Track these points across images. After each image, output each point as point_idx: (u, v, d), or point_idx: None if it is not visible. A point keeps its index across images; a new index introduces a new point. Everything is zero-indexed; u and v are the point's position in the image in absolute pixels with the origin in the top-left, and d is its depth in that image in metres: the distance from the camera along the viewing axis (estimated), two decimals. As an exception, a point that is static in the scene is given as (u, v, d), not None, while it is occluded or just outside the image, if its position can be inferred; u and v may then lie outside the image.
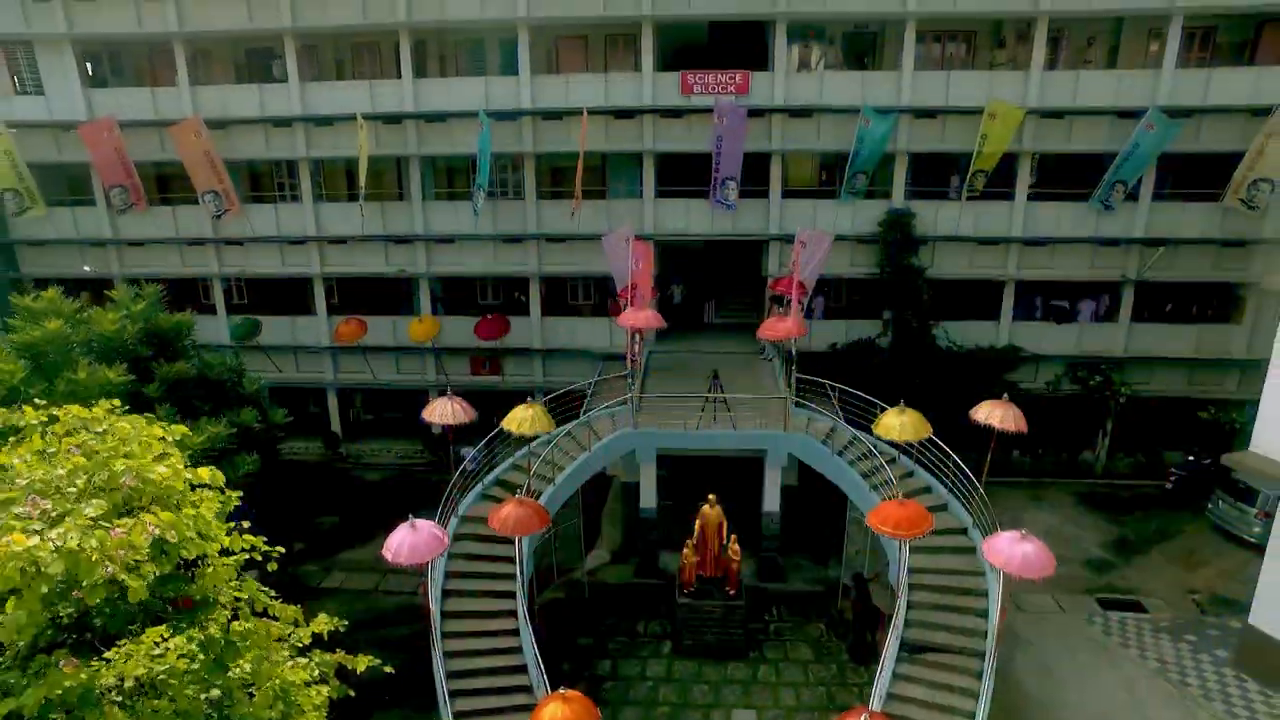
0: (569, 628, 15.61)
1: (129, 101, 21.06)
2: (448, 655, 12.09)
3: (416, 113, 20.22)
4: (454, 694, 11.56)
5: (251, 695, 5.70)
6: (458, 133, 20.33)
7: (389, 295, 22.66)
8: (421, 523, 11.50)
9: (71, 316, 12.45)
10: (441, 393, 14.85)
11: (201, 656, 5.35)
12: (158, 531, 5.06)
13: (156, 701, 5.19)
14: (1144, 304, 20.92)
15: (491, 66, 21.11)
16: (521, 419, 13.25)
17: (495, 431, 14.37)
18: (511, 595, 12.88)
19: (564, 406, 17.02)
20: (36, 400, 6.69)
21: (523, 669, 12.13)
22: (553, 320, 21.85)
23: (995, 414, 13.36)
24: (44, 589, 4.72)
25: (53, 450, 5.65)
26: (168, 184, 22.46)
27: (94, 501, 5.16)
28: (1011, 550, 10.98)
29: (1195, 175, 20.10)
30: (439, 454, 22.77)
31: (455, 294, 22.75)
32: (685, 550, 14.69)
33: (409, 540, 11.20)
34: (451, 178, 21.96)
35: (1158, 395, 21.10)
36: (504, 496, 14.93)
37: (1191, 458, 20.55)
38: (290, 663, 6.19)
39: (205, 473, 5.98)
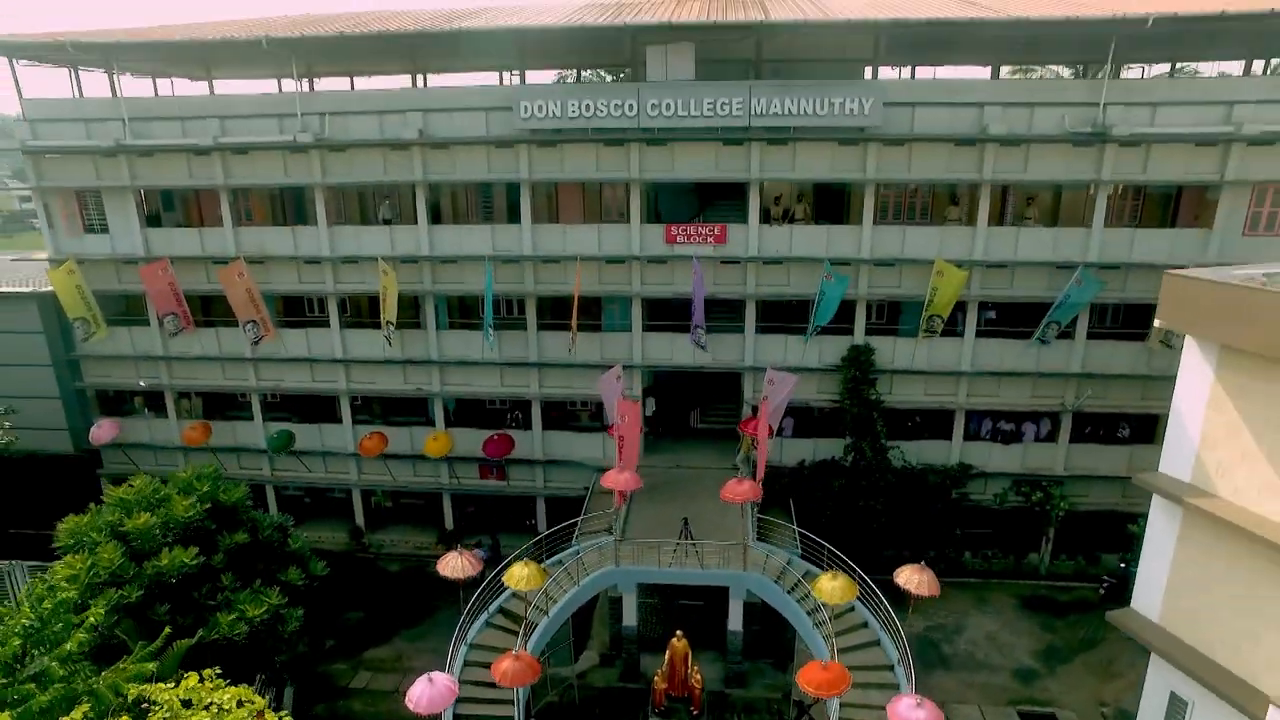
0: (560, 733, 18.53)
1: (180, 240, 24.23)
2: None
3: (431, 256, 23.14)
4: None
5: None
6: (468, 273, 23.28)
7: (408, 404, 25.69)
8: (438, 676, 14.49)
9: (151, 499, 15.47)
10: (460, 505, 17.77)
11: None
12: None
13: None
14: (1081, 427, 23.50)
15: (498, 208, 24.04)
16: (519, 577, 16.16)
17: (497, 547, 17.25)
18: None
19: (564, 513, 19.87)
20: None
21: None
22: (552, 434, 24.77)
23: (914, 579, 16.11)
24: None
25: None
26: (210, 307, 25.53)
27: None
28: (909, 715, 13.66)
29: (1129, 317, 22.68)
30: (451, 546, 25.78)
31: (466, 405, 25.68)
32: (656, 677, 17.60)
33: (428, 693, 14.19)
34: (464, 309, 24.88)
35: (1094, 509, 23.68)
36: (506, 625, 17.95)
37: (1123, 565, 23.13)
38: None
39: None
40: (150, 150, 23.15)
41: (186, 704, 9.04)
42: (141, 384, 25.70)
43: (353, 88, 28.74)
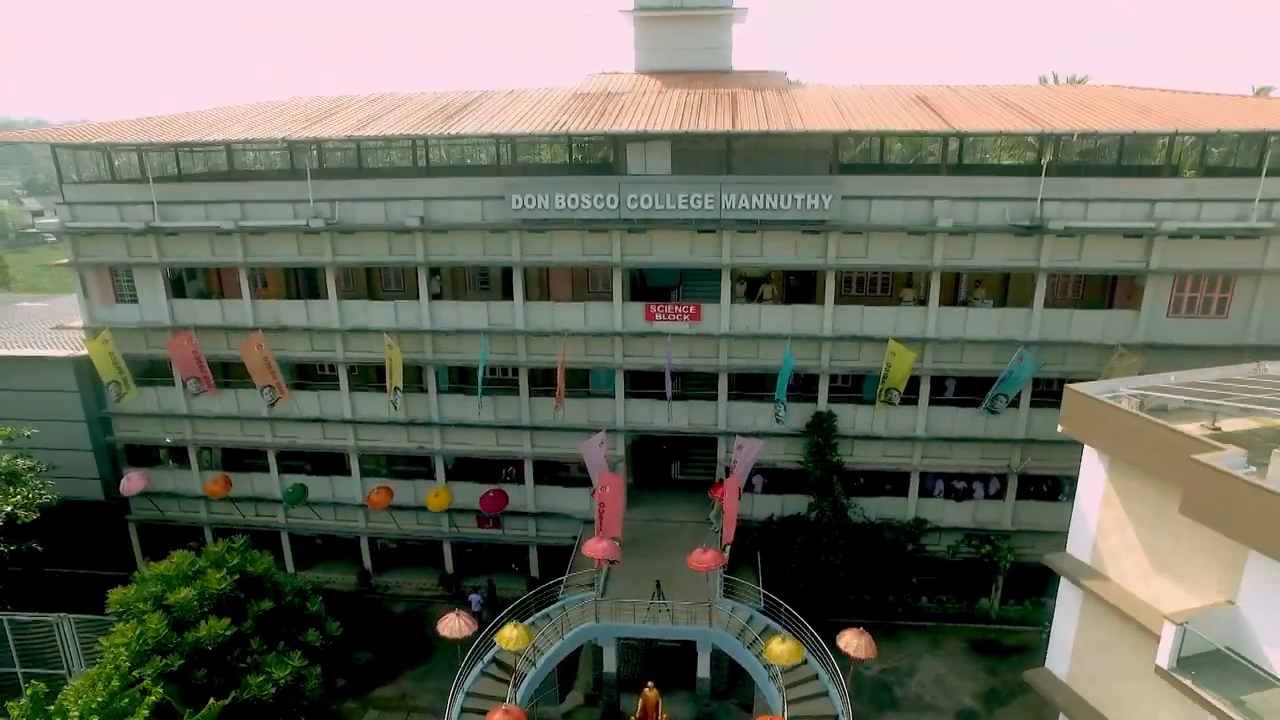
0: (547, 770, 21.02)
1: (203, 311, 26.75)
2: None
3: (432, 329, 25.60)
4: None
5: None
6: (466, 344, 25.76)
7: (412, 460, 28.16)
8: (438, 729, 16.97)
9: (188, 572, 17.96)
10: (459, 552, 20.18)
11: None
12: None
13: None
14: (1026, 486, 25.86)
15: (494, 281, 26.46)
16: (509, 639, 18.67)
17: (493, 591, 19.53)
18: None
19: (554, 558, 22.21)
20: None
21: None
22: (543, 489, 27.26)
23: (853, 643, 18.54)
24: None
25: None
26: (229, 369, 28.01)
27: None
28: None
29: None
30: (451, 589, 28.40)
31: (465, 461, 28.15)
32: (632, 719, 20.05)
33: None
34: (463, 375, 27.33)
35: (1039, 560, 25.98)
36: (502, 672, 20.44)
37: (1065, 613, 25.47)
38: None
39: None
40: (177, 231, 25.67)
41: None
42: (167, 440, 28.29)
43: (359, 162, 31.17)
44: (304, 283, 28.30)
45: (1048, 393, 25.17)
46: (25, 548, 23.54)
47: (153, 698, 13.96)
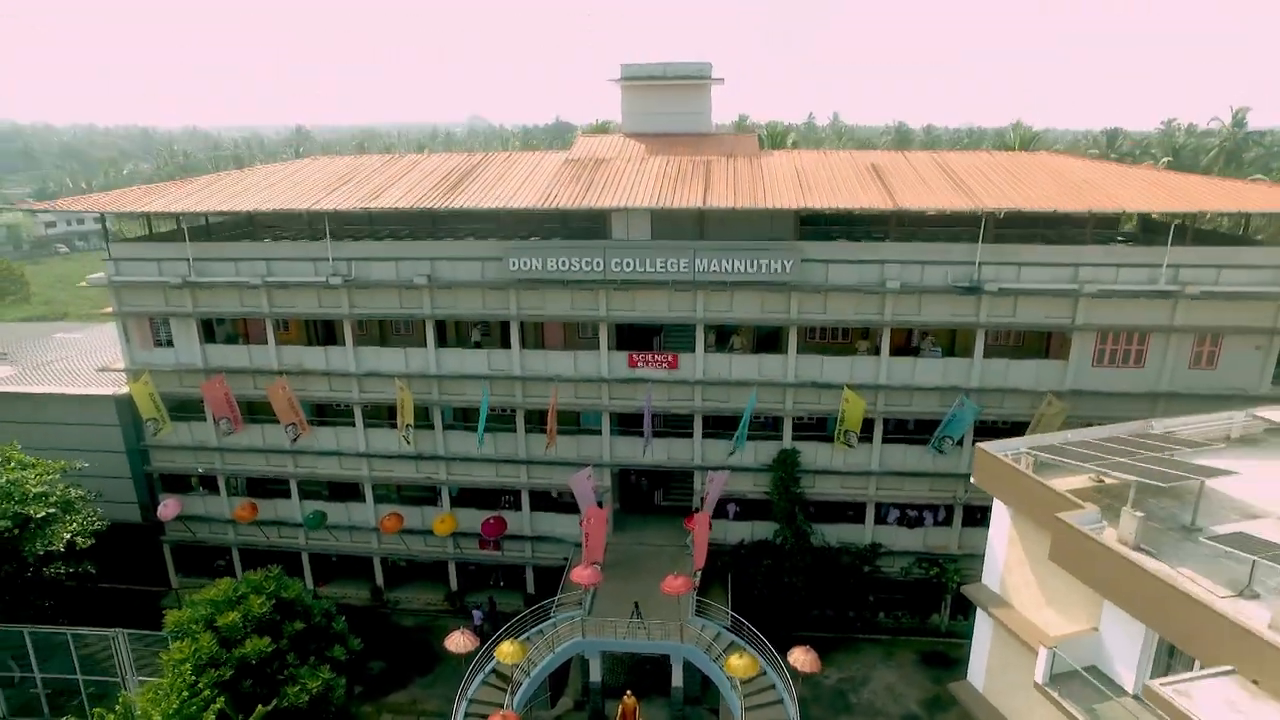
0: (540, 767, 24.32)
1: (232, 355, 30.05)
2: None
3: (438, 374, 28.86)
4: None
5: None
6: (468, 387, 29.03)
7: (420, 488, 31.45)
8: (445, 732, 20.25)
9: (232, 597, 21.22)
10: (462, 571, 23.43)
11: None
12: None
13: None
14: (972, 514, 29.04)
15: (494, 330, 29.67)
16: (507, 653, 21.98)
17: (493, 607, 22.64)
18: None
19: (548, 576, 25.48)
20: None
21: (504, 815, 20.81)
22: (539, 515, 30.54)
23: (801, 659, 21.85)
24: None
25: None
26: (255, 407, 31.24)
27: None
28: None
29: (1010, 429, 28.15)
30: (455, 604, 31.70)
31: (468, 490, 31.41)
32: (612, 726, 23.33)
33: (437, 745, 19.97)
34: (465, 414, 30.59)
35: (983, 581, 29.21)
36: (500, 682, 23.69)
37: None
38: None
39: None
40: (209, 284, 28.94)
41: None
42: (199, 469, 31.62)
43: (373, 226, 34.30)
44: (322, 329, 31.56)
45: (990, 430, 28.29)
46: (82, 569, 26.83)
47: (217, 705, 17.26)
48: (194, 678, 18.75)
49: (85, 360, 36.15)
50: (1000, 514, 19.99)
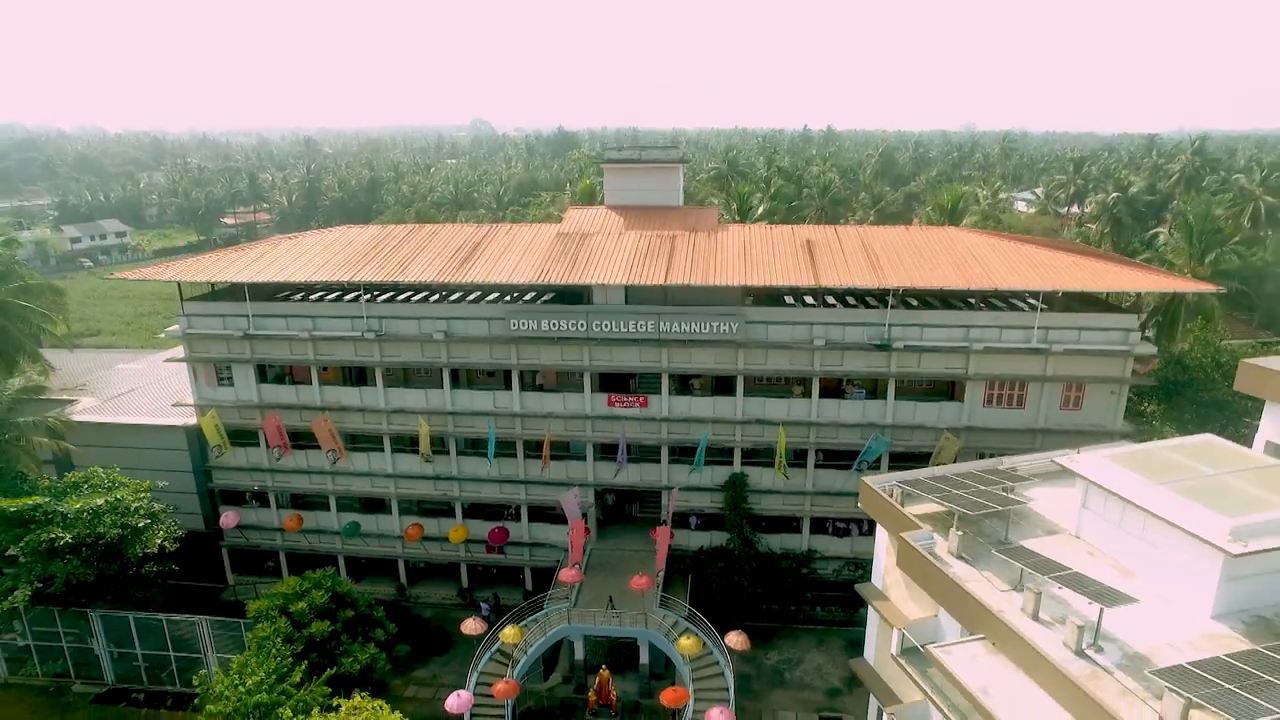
0: (535, 726, 31.25)
1: (282, 393, 37.00)
2: None
3: (453, 411, 35.77)
4: None
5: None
6: (478, 422, 35.89)
7: (438, 502, 38.39)
8: (462, 692, 27.20)
9: (299, 591, 28.08)
10: (472, 571, 30.37)
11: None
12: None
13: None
14: (891, 526, 35.72)
15: (499, 375, 36.59)
16: (509, 635, 28.87)
17: (498, 601, 29.58)
18: (505, 715, 28.52)
19: (544, 575, 32.34)
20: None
21: (506, 758, 27.73)
22: (536, 525, 37.45)
23: (735, 640, 28.58)
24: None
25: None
26: (298, 435, 38.15)
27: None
28: (715, 717, 26.16)
29: (920, 458, 34.89)
30: (466, 599, 38.61)
31: (477, 504, 38.32)
32: (590, 693, 30.21)
33: (455, 702, 26.95)
34: (474, 443, 37.49)
35: (900, 580, 35.94)
36: (503, 659, 30.56)
37: (918, 620, 35.43)
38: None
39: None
40: (265, 336, 35.85)
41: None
42: (255, 487, 38.59)
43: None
44: (356, 372, 38.44)
45: (904, 457, 35.01)
46: (167, 568, 33.75)
47: (302, 667, 24.17)
48: (283, 646, 25.73)
49: (151, 391, 43.24)
50: (880, 531, 26.75)
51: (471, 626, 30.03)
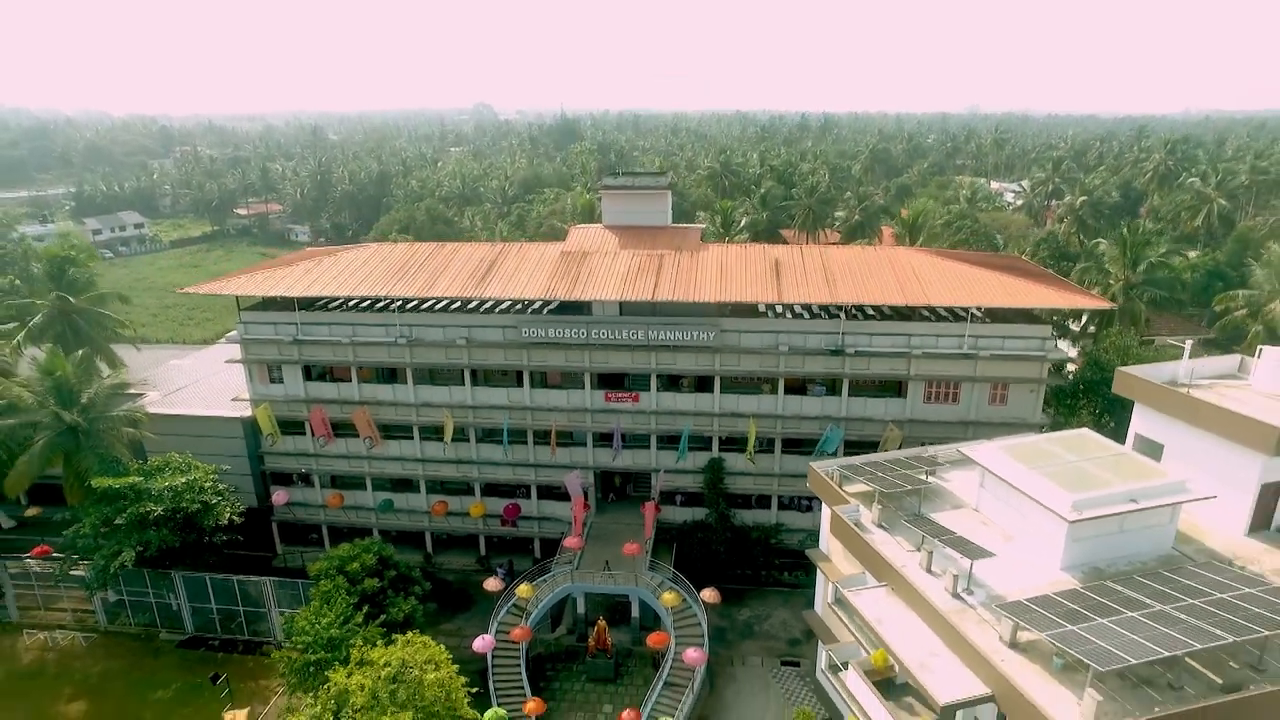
0: (544, 666, 37.87)
1: (326, 389, 43.40)
2: (494, 675, 34.38)
3: (473, 405, 42.16)
4: (495, 691, 33.85)
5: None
6: (495, 415, 42.28)
7: (459, 482, 44.91)
8: (485, 636, 33.88)
9: (351, 555, 34.55)
10: (488, 541, 37.01)
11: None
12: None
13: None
14: (846, 503, 42.19)
15: (512, 374, 42.97)
16: (523, 592, 35.47)
17: (511, 566, 36.37)
18: (520, 656, 35.19)
19: (550, 545, 39.03)
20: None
21: (521, 686, 34.36)
22: (544, 502, 44.00)
23: (709, 595, 35.09)
24: None
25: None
26: (338, 426, 44.57)
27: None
28: (692, 655, 32.78)
29: (870, 444, 41.24)
30: (484, 565, 45.25)
31: (493, 484, 44.82)
32: (590, 639, 36.86)
33: (480, 644, 33.63)
34: (491, 432, 43.92)
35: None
36: (518, 611, 37.21)
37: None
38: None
39: (444, 659, 27.89)
40: (311, 342, 42.15)
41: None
42: (301, 469, 45.12)
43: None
44: (388, 372, 44.74)
45: (858, 444, 41.32)
46: (234, 538, 40.32)
47: (360, 616, 30.75)
48: (345, 596, 32.32)
49: (204, 386, 49.68)
50: (825, 507, 33.15)
51: (492, 584, 36.73)
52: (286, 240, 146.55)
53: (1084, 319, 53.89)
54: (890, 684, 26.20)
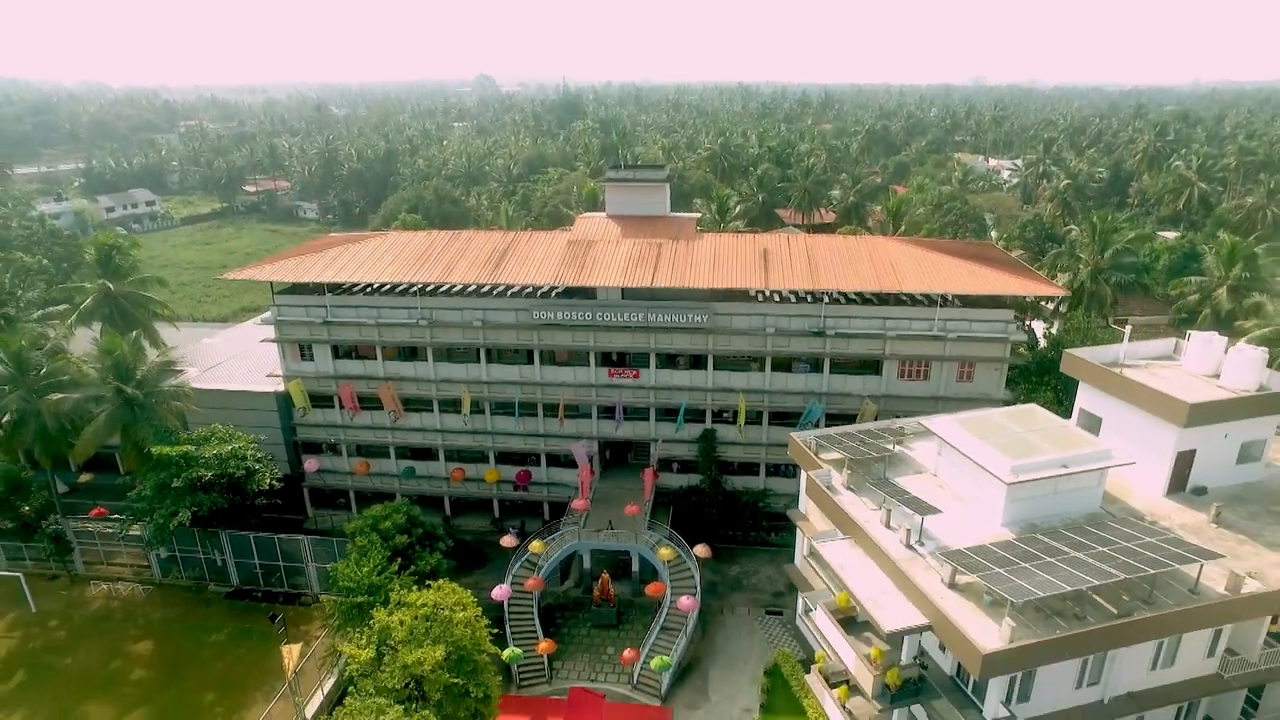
0: (554, 615, 42.53)
1: (353, 367, 47.65)
2: (510, 620, 39.04)
3: (488, 381, 46.37)
4: (512, 634, 38.52)
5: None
6: (508, 390, 46.52)
7: (476, 451, 49.30)
8: (503, 586, 38.49)
9: (383, 515, 38.95)
10: (502, 505, 41.56)
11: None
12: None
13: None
14: (828, 471, 46.57)
15: (524, 353, 47.13)
16: (535, 547, 40.02)
17: (523, 527, 40.96)
18: (533, 604, 39.83)
19: (558, 508, 43.58)
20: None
21: (534, 630, 39.02)
22: (553, 469, 48.43)
23: (701, 551, 39.59)
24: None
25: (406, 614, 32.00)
26: (363, 400, 48.81)
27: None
28: (685, 602, 37.35)
29: (849, 417, 45.41)
30: (497, 527, 49.83)
31: (506, 452, 49.20)
32: (595, 590, 41.48)
33: (499, 592, 38.26)
34: (504, 406, 48.15)
35: (834, 512, 46.90)
36: (530, 565, 41.83)
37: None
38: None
39: (470, 603, 32.40)
40: (339, 323, 46.22)
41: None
42: (330, 439, 49.50)
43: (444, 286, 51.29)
44: (410, 350, 48.88)
45: (838, 417, 45.50)
46: (274, 502, 44.77)
47: (395, 566, 35.25)
48: (381, 550, 36.83)
49: (238, 362, 53.89)
50: (802, 472, 37.43)
51: (508, 541, 41.30)
52: (295, 217, 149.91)
53: (1057, 301, 57.71)
54: (852, 621, 30.80)
